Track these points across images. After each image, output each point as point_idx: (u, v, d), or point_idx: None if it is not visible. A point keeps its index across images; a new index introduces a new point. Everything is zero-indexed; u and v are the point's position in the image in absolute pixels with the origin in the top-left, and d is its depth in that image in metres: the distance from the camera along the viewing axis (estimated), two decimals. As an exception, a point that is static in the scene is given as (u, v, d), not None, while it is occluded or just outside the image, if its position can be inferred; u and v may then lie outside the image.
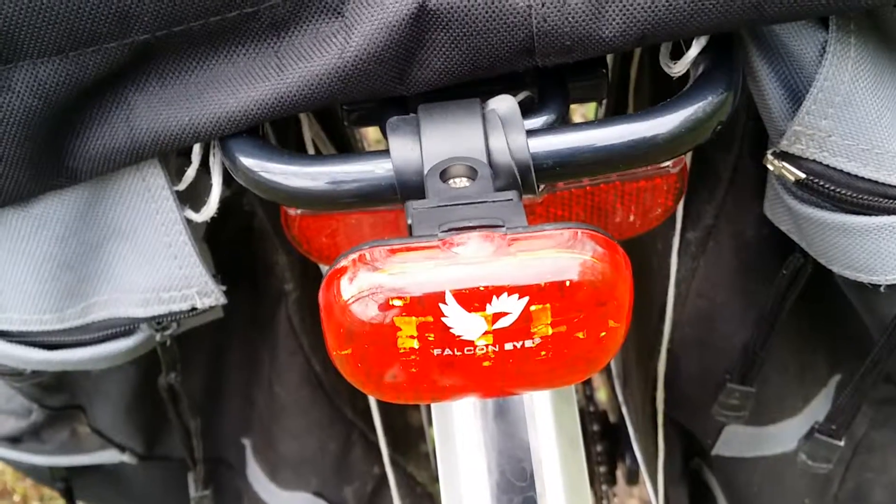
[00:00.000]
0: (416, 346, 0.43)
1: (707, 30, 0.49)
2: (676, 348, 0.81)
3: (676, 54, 0.55)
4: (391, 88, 0.51)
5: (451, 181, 0.47)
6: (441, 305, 0.42)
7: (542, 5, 0.48)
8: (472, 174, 0.47)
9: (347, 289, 0.43)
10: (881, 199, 0.57)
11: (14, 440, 0.86)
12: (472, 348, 0.43)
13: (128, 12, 0.48)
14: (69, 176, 0.56)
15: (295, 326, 0.77)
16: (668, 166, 0.59)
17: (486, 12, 0.48)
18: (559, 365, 0.45)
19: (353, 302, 0.42)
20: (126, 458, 0.87)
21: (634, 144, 0.50)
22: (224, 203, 0.67)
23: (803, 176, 0.57)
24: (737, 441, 0.86)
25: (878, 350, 0.66)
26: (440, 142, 0.49)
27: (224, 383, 0.83)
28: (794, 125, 0.55)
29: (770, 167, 0.59)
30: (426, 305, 0.42)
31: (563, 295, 0.42)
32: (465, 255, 0.42)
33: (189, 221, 0.59)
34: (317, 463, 0.87)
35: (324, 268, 0.74)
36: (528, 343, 0.43)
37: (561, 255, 0.42)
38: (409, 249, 0.42)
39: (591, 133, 0.50)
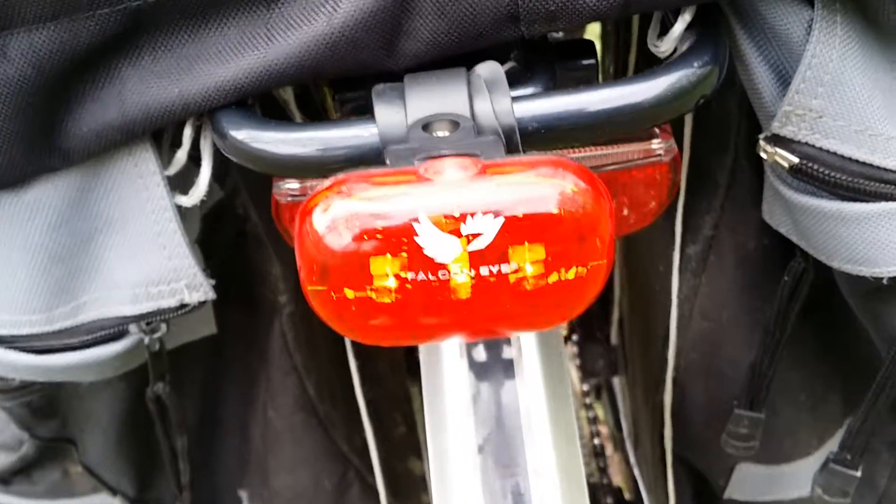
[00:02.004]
0: (390, 273, 0.42)
1: None
2: (682, 377, 0.78)
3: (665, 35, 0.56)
4: (380, 61, 0.52)
5: (433, 133, 0.47)
6: (415, 225, 0.41)
7: None
8: (455, 128, 0.47)
9: (321, 219, 0.42)
10: (877, 184, 0.56)
11: (4, 481, 0.84)
12: (446, 272, 0.41)
13: None
14: (61, 157, 0.56)
15: (289, 343, 0.76)
16: (660, 154, 0.58)
17: None
18: (540, 300, 0.43)
19: (328, 232, 0.42)
20: (118, 502, 0.85)
21: (619, 109, 0.50)
22: (217, 206, 0.68)
23: (796, 160, 0.56)
24: (750, 482, 0.82)
25: (886, 367, 0.64)
26: (425, 103, 0.49)
27: (220, 414, 0.81)
28: (785, 105, 0.54)
29: (763, 155, 0.58)
30: (400, 230, 0.41)
31: (541, 225, 0.41)
32: (440, 179, 0.41)
33: (180, 209, 0.59)
34: (311, 499, 0.84)
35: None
36: (505, 268, 0.41)
37: (540, 184, 0.42)
38: (384, 176, 0.42)
39: (576, 97, 0.50)
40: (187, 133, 0.57)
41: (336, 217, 0.41)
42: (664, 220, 0.74)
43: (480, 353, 0.69)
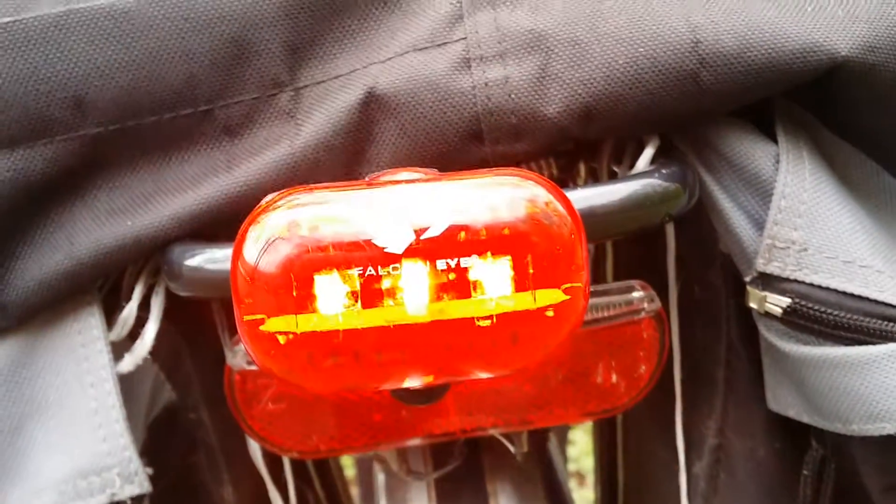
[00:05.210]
0: (339, 288, 0.36)
1: (647, 106, 0.50)
2: None
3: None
4: None
5: None
6: (363, 223, 0.36)
7: (486, 84, 0.50)
8: None
9: (255, 241, 0.37)
10: (881, 322, 0.51)
11: None
12: (398, 266, 0.35)
13: (82, 98, 0.49)
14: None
15: None
16: (643, 308, 0.54)
17: (433, 95, 0.50)
18: (509, 327, 0.37)
19: (263, 254, 0.37)
20: None
21: (585, 212, 0.47)
22: (167, 413, 0.62)
23: (788, 301, 0.52)
24: None
25: None
26: None
27: None
28: (766, 239, 0.52)
29: (753, 305, 0.54)
30: (348, 235, 0.36)
31: (508, 236, 0.37)
32: (390, 183, 0.38)
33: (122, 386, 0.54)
34: None
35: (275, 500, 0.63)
36: (465, 262, 0.35)
37: (506, 190, 0.38)
38: (329, 188, 0.38)
39: None
40: (137, 290, 0.54)
41: (271, 234, 0.37)
42: (664, 449, 0.67)
43: None
